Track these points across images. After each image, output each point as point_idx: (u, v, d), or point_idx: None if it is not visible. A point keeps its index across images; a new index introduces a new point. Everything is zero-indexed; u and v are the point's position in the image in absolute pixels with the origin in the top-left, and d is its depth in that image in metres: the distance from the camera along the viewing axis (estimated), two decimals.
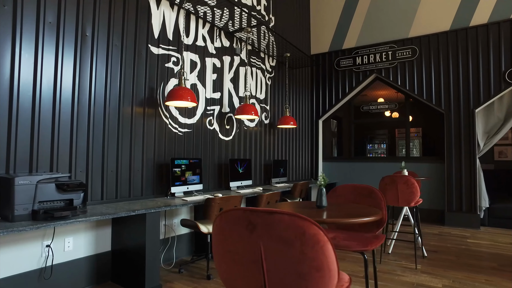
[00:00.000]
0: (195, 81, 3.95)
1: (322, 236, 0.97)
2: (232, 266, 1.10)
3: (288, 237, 0.98)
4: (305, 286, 1.01)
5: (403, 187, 3.42)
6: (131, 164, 3.19)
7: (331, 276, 1.00)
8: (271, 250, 1.02)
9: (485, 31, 5.30)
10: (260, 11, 5.20)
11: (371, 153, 8.59)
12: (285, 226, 0.98)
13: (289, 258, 1.00)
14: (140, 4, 3.32)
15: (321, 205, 1.61)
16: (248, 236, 1.04)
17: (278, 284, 1.04)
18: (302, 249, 0.98)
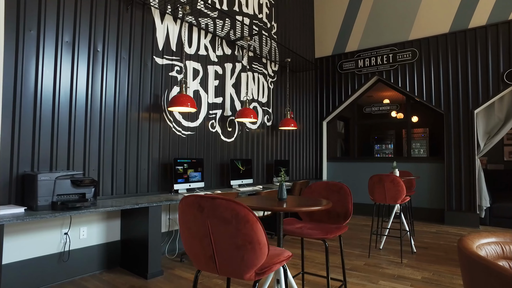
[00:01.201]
0: (198, 87, 4.31)
1: (251, 217, 1.29)
2: (191, 240, 1.44)
3: (226, 217, 1.30)
4: (241, 255, 1.32)
5: (389, 186, 3.64)
6: (138, 163, 3.59)
7: (261, 247, 1.31)
8: (215, 226, 1.34)
9: (484, 33, 5.40)
10: (262, 19, 5.52)
11: (379, 154, 8.71)
12: (223, 208, 1.30)
13: (228, 233, 1.32)
14: (145, 20, 3.72)
15: (281, 197, 1.91)
16: (199, 216, 1.37)
17: (222, 253, 1.37)
18: (237, 226, 1.30)
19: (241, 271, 1.35)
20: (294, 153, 6.25)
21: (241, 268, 1.34)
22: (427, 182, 5.93)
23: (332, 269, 3.38)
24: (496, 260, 1.96)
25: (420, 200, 5.96)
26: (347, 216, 2.27)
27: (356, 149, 7.04)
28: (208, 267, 1.44)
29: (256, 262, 1.32)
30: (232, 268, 1.36)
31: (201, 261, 1.45)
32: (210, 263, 1.41)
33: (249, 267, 1.33)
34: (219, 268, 1.39)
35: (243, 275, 1.35)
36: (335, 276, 3.17)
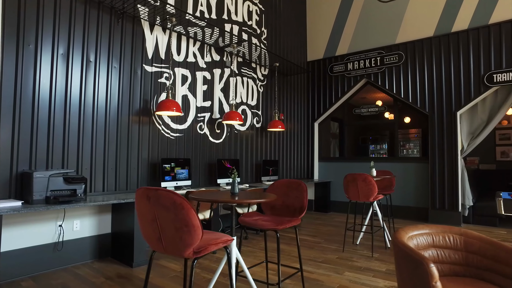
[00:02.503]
0: (186, 92, 4.64)
1: (186, 204, 1.58)
2: (144, 224, 1.74)
3: (167, 205, 1.60)
4: (180, 235, 1.62)
5: (362, 184, 3.89)
6: (128, 163, 3.93)
7: (195, 229, 1.61)
8: (160, 213, 1.64)
9: (466, 37, 5.58)
10: (251, 26, 5.81)
11: (374, 154, 8.90)
12: (164, 198, 1.60)
13: (169, 218, 1.62)
14: (135, 31, 4.06)
15: (233, 192, 2.20)
16: (148, 204, 1.67)
17: (166, 234, 1.67)
18: (175, 212, 1.60)
19: (181, 250, 1.65)
20: (284, 153, 6.52)
21: (181, 247, 1.64)
22: (414, 181, 6.11)
23: (305, 261, 3.65)
24: (427, 248, 2.23)
25: (407, 199, 6.16)
26: (302, 210, 2.54)
27: (348, 149, 7.27)
28: (158, 247, 1.74)
29: (192, 242, 1.62)
30: (174, 247, 1.66)
31: (152, 242, 1.75)
32: (159, 243, 1.72)
33: (187, 246, 1.63)
34: (165, 247, 1.70)
35: (183, 253, 1.65)
36: (305, 267, 3.44)
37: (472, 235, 2.17)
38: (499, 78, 5.26)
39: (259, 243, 4.40)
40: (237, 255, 2.17)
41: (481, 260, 2.07)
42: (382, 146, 8.53)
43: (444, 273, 2.16)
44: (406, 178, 6.18)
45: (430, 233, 2.24)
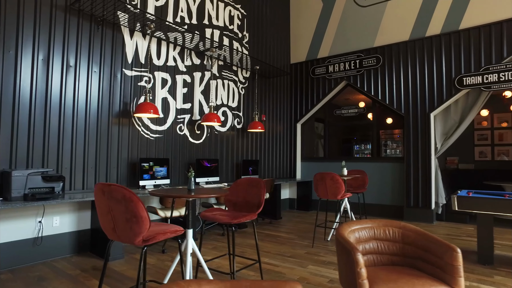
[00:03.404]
0: (166, 95, 4.83)
1: (134, 198, 1.78)
2: (101, 216, 1.94)
3: (118, 198, 1.80)
4: (130, 225, 1.82)
5: (329, 183, 4.10)
6: (108, 162, 4.12)
7: (143, 220, 1.81)
8: (113, 206, 1.84)
9: (438, 41, 5.80)
10: (233, 30, 6.02)
11: (358, 154, 9.11)
12: (116, 192, 1.80)
13: (121, 210, 1.82)
14: (115, 37, 4.25)
15: (190, 188, 2.41)
16: (103, 198, 1.87)
17: (119, 225, 1.86)
18: (125, 205, 1.80)
19: (132, 238, 1.84)
20: (265, 153, 6.72)
21: (131, 236, 1.84)
22: (392, 180, 6.31)
23: (273, 255, 3.84)
24: (368, 241, 2.44)
25: (384, 198, 6.37)
26: (259, 205, 2.74)
27: (332, 149, 7.48)
28: (113, 236, 1.94)
29: (141, 231, 1.82)
30: (126, 236, 1.86)
31: (109, 232, 1.95)
32: (114, 233, 1.92)
33: (136, 235, 1.83)
34: (118, 236, 1.90)
35: (134, 241, 1.85)
36: (272, 261, 3.64)
37: (409, 228, 2.38)
38: (468, 81, 5.48)
39: (236, 239, 4.59)
40: (193, 246, 2.36)
41: (415, 251, 2.28)
42: (366, 146, 8.75)
43: (383, 262, 2.36)
44: (385, 178, 6.39)
45: (372, 227, 2.45)
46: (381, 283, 1.92)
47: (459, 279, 1.93)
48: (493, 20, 5.31)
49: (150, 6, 4.65)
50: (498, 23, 5.26)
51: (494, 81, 5.27)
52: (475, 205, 3.51)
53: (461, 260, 1.95)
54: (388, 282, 1.92)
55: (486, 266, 3.45)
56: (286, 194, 7.28)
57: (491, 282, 3.02)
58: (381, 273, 2.07)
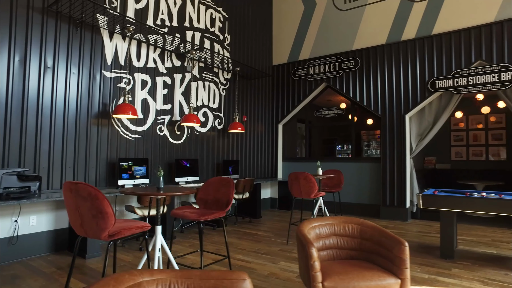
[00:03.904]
0: (146, 96, 4.91)
1: (100, 195, 1.88)
2: (70, 213, 2.03)
3: (84, 196, 1.90)
4: (96, 221, 1.92)
5: (303, 182, 4.24)
6: (87, 162, 4.19)
7: (108, 216, 1.91)
8: (80, 203, 1.94)
9: (413, 45, 6.01)
10: (214, 32, 6.12)
11: (340, 154, 9.31)
12: (82, 190, 1.90)
13: (87, 207, 1.92)
14: (94, 39, 4.32)
15: (159, 187, 2.51)
16: (71, 196, 1.96)
17: (86, 221, 1.96)
18: (91, 202, 1.90)
19: (98, 234, 1.94)
20: (246, 153, 6.85)
21: (97, 231, 1.93)
22: (370, 180, 6.49)
23: (248, 252, 3.97)
24: (328, 236, 2.58)
25: (362, 197, 6.55)
26: (228, 204, 2.86)
27: (315, 150, 7.64)
28: (81, 231, 2.03)
29: (106, 227, 1.92)
30: (93, 232, 1.96)
31: (77, 228, 2.05)
32: (81, 229, 2.01)
33: (102, 230, 1.93)
34: (85, 231, 1.99)
35: (100, 236, 1.95)
36: (246, 257, 3.76)
37: (367, 224, 2.53)
38: (440, 84, 5.70)
39: (212, 237, 4.70)
40: (162, 242, 2.47)
41: (371, 245, 2.43)
42: (348, 147, 8.94)
43: (342, 257, 2.51)
44: (364, 177, 6.56)
45: (332, 223, 2.59)
46: (334, 275, 2.06)
47: (405, 270, 2.08)
48: (462, 26, 5.53)
49: (130, 9, 4.72)
50: (467, 29, 5.48)
51: (463, 85, 5.49)
52: (438, 203, 3.69)
53: (407, 252, 2.11)
54: (340, 274, 2.06)
55: (447, 260, 3.64)
56: (267, 193, 7.42)
57: (448, 274, 3.20)
58: (336, 266, 2.21)
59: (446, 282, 3.00)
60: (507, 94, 5.32)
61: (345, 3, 6.82)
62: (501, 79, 5.17)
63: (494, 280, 3.06)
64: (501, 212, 3.36)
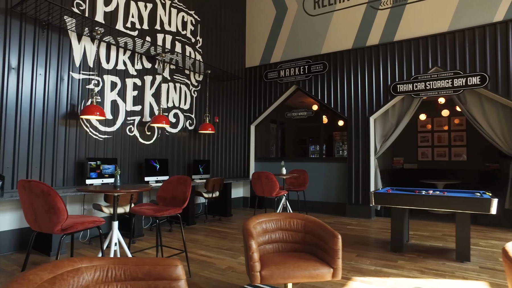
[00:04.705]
0: (116, 97, 5.02)
1: (52, 192, 2.02)
2: (24, 209, 2.16)
3: (37, 193, 2.04)
4: (48, 216, 2.06)
5: (265, 181, 4.44)
6: (54, 162, 4.27)
7: (60, 211, 2.05)
8: (33, 199, 2.07)
9: (377, 51, 6.31)
10: (185, 35, 6.26)
11: (314, 154, 9.59)
12: (35, 187, 2.03)
13: (40, 203, 2.05)
14: (62, 41, 4.40)
15: (116, 185, 2.66)
16: (24, 193, 2.09)
17: (39, 216, 2.10)
18: (44, 198, 2.03)
19: (51, 228, 2.08)
20: (218, 153, 7.01)
21: (50, 225, 2.07)
22: (338, 179, 6.75)
23: (211, 248, 4.14)
24: (275, 231, 2.78)
25: (330, 195, 6.81)
26: (184, 201, 3.03)
27: (288, 150, 7.86)
28: (35, 226, 2.16)
29: (59, 221, 2.06)
30: (46, 226, 2.10)
31: (32, 223, 2.18)
32: (36, 224, 2.14)
33: (55, 225, 2.07)
34: (39, 226, 2.13)
35: (53, 230, 2.09)
36: (208, 253, 3.93)
37: (310, 219, 2.75)
38: (401, 88, 6.02)
39: (180, 234, 4.85)
40: (118, 236, 2.62)
41: (313, 239, 2.64)
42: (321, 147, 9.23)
43: (286, 250, 2.72)
44: (333, 177, 6.82)
45: (279, 219, 2.79)
46: (272, 265, 2.26)
47: (338, 260, 2.31)
48: (420, 34, 5.87)
49: (99, 12, 4.82)
50: (425, 37, 5.82)
51: (422, 89, 5.82)
52: (388, 201, 3.96)
53: (340, 244, 2.33)
54: (277, 264, 2.27)
55: (396, 254, 3.91)
56: (239, 193, 7.60)
57: (393, 265, 3.46)
58: (277, 258, 2.42)
59: (389, 273, 3.26)
60: (461, 99, 5.68)
61: (315, 8, 7.08)
62: (454, 84, 5.52)
63: (431, 269, 3.35)
64: (443, 207, 3.65)
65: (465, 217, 3.61)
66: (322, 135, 7.27)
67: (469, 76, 5.42)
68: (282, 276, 2.19)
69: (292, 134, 10.32)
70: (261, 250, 2.59)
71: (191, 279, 3.06)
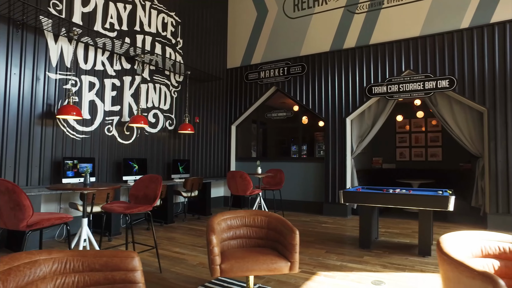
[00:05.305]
0: (94, 98, 5.06)
1: (17, 189, 2.10)
2: None
3: (2, 190, 2.11)
4: (14, 213, 2.13)
5: (239, 180, 4.56)
6: (29, 161, 4.30)
7: (26, 208, 2.13)
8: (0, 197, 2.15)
9: (353, 53, 6.50)
10: (166, 36, 6.34)
11: (295, 154, 9.76)
12: (0, 185, 2.11)
13: (5, 200, 2.13)
14: (38, 41, 4.43)
15: (86, 183, 2.74)
16: None
17: (4, 213, 2.17)
18: (9, 195, 2.11)
19: (16, 224, 2.16)
20: (198, 153, 7.10)
21: (16, 222, 2.15)
22: (316, 178, 6.90)
23: (185, 245, 4.23)
24: (240, 227, 2.90)
25: (308, 194, 6.97)
26: (155, 198, 3.12)
27: (270, 150, 7.99)
28: (1, 224, 2.23)
29: (24, 218, 2.14)
30: (12, 223, 2.17)
31: None
32: (1, 220, 2.22)
33: (20, 221, 2.14)
34: (5, 223, 2.20)
35: (18, 226, 2.16)
36: (182, 250, 4.03)
37: (273, 216, 2.87)
38: (376, 90, 6.21)
39: (158, 232, 4.93)
40: (88, 233, 2.70)
41: (275, 235, 2.77)
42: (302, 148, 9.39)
43: (250, 245, 2.84)
44: (310, 176, 6.98)
45: (244, 216, 2.91)
46: (232, 259, 2.38)
47: (295, 254, 2.44)
48: (394, 38, 6.07)
49: (76, 12, 4.86)
50: (398, 41, 6.02)
51: (395, 91, 6.02)
52: (356, 199, 4.12)
53: (297, 239, 2.46)
54: (237, 258, 2.38)
55: (364, 250, 4.08)
56: (220, 192, 7.70)
57: (358, 261, 3.62)
58: (239, 253, 2.53)
59: (353, 267, 3.41)
60: (432, 101, 5.90)
61: (294, 11, 7.23)
62: (425, 87, 5.73)
63: (393, 263, 3.52)
64: (406, 205, 3.82)
65: (426, 214, 3.79)
66: (301, 135, 7.43)
67: (439, 79, 5.64)
68: (241, 269, 2.31)
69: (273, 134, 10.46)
70: (226, 245, 2.71)
71: (161, 275, 3.15)
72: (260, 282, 3.00)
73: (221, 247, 2.63)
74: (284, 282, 3.02)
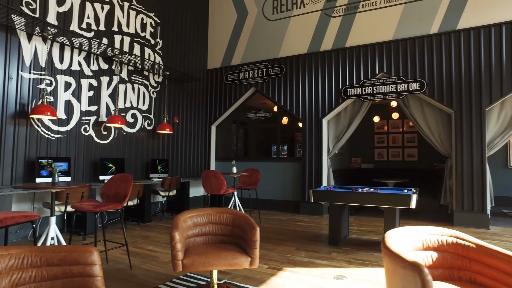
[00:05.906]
0: (70, 97, 5.07)
1: None
2: None
3: None
4: None
5: (213, 180, 4.64)
6: (1, 161, 4.29)
7: None
8: None
9: (330, 56, 6.65)
10: (145, 37, 6.37)
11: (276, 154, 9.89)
12: None
13: None
14: (10, 40, 4.42)
15: (54, 182, 2.79)
16: None
17: None
18: None
19: None
20: (177, 153, 7.15)
21: None
22: (294, 178, 7.03)
23: (159, 244, 4.30)
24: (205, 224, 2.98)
25: (286, 194, 7.10)
26: (125, 197, 3.18)
27: (251, 150, 8.08)
28: None
29: None
30: None
31: None
32: None
33: None
34: None
35: None
36: (156, 248, 4.09)
37: (238, 214, 2.97)
38: (351, 91, 6.38)
39: (134, 231, 4.98)
40: (56, 231, 2.75)
41: (239, 232, 2.87)
42: (283, 148, 9.53)
43: (216, 241, 2.93)
44: (289, 175, 7.10)
45: (210, 213, 3.00)
46: (194, 255, 2.47)
47: (255, 250, 2.54)
48: (368, 42, 6.25)
49: (51, 12, 4.86)
50: (373, 45, 6.21)
51: (369, 93, 6.20)
52: (326, 197, 4.26)
53: (257, 235, 2.56)
54: (200, 254, 2.47)
55: (333, 247, 4.22)
56: (200, 191, 7.76)
57: (325, 257, 3.75)
58: (202, 249, 2.62)
59: (319, 263, 3.54)
60: (405, 103, 6.10)
61: (273, 13, 7.36)
62: (397, 89, 5.93)
63: (358, 259, 3.66)
64: (373, 203, 3.98)
65: (391, 211, 3.95)
66: (279, 136, 7.56)
67: (410, 82, 5.84)
68: (203, 264, 2.40)
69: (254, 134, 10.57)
70: (191, 242, 2.79)
71: (131, 271, 3.22)
72: (226, 278, 3.10)
73: (187, 243, 2.72)
74: (250, 278, 3.12)
